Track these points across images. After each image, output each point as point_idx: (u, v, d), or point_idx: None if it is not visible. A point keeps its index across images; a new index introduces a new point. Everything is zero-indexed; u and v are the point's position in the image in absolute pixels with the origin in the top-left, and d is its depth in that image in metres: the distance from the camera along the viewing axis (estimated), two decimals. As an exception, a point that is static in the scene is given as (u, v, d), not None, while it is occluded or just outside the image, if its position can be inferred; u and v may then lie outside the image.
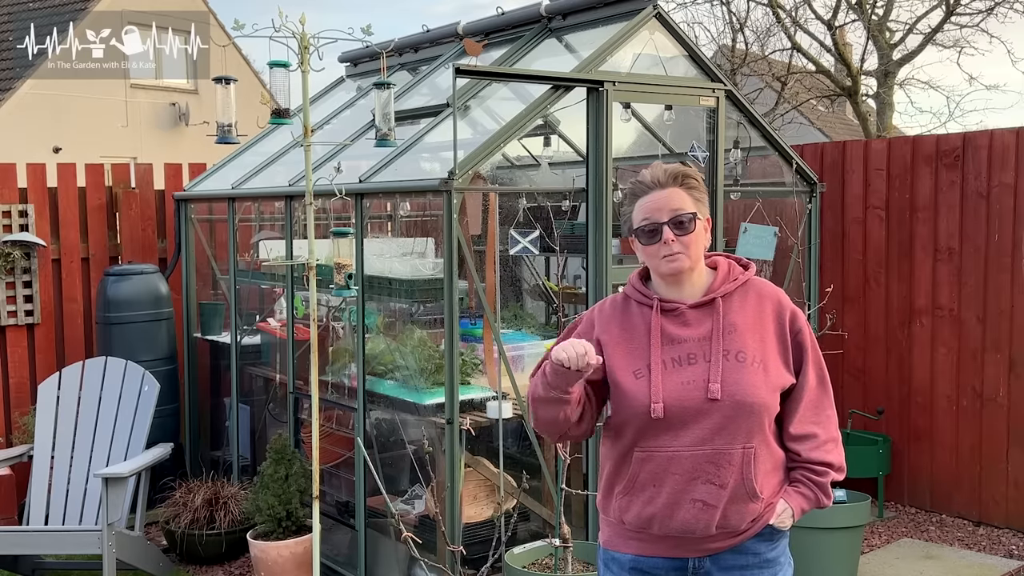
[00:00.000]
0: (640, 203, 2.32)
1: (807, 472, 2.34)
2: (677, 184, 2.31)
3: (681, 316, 2.32)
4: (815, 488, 2.34)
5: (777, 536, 2.35)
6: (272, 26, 3.62)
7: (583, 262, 4.50)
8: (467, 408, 4.36)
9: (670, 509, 2.27)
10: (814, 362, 2.36)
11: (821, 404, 2.36)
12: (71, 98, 15.57)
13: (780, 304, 2.37)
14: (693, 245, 2.30)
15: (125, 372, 5.21)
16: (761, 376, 2.26)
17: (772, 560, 2.35)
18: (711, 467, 2.24)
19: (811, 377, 2.34)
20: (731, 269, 2.40)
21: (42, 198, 6.01)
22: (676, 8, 15.01)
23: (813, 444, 2.33)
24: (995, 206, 5.49)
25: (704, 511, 2.25)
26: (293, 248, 5.14)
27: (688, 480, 2.25)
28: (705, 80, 4.76)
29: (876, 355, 6.02)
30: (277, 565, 4.68)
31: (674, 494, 2.26)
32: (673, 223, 2.28)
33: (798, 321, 2.36)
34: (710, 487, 2.24)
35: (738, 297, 2.35)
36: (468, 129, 4.88)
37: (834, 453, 2.36)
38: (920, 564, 5.09)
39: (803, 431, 2.33)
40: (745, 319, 2.32)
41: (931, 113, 40.96)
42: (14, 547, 4.70)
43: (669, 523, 2.28)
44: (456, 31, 5.71)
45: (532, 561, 4.13)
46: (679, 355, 2.29)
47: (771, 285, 2.43)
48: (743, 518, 2.28)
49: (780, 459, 2.35)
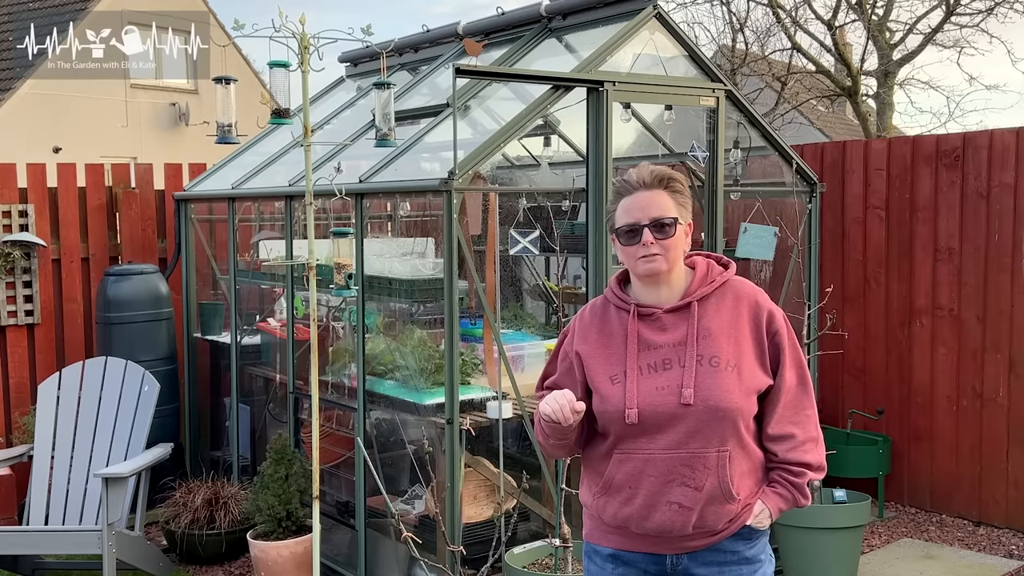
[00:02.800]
0: (623, 203, 2.34)
1: (784, 473, 2.35)
2: (662, 187, 2.33)
3: (658, 321, 2.34)
4: (792, 489, 2.35)
5: (756, 535, 2.37)
6: (272, 26, 3.63)
7: (583, 262, 4.50)
8: (467, 408, 4.36)
9: (646, 510, 2.30)
10: (793, 362, 2.36)
11: (800, 404, 2.37)
12: (71, 98, 15.56)
13: (757, 305, 2.36)
14: (672, 249, 2.31)
15: (125, 372, 5.21)
16: (735, 380, 2.27)
17: (751, 558, 2.37)
18: (686, 470, 2.27)
19: (789, 378, 2.34)
20: (709, 270, 2.40)
21: (42, 198, 6.01)
22: (676, 8, 15.04)
23: (791, 444, 2.34)
24: (995, 206, 5.49)
25: (680, 513, 2.28)
26: (293, 248, 5.14)
27: (664, 482, 2.28)
28: (705, 80, 4.76)
29: (876, 355, 6.02)
30: (277, 565, 4.68)
31: (650, 496, 2.29)
32: (654, 225, 2.29)
33: (775, 322, 2.35)
34: (686, 489, 2.27)
35: (715, 299, 2.35)
36: (468, 129, 4.88)
37: (812, 453, 2.36)
38: (920, 564, 5.09)
39: (781, 431, 2.34)
40: (720, 323, 2.32)
41: (931, 113, 41.02)
42: (14, 547, 4.71)
43: (645, 524, 2.31)
44: (456, 31, 5.71)
45: (532, 561, 4.14)
46: (654, 360, 2.31)
47: (749, 285, 2.43)
48: (720, 519, 2.31)
49: (758, 460, 2.36)
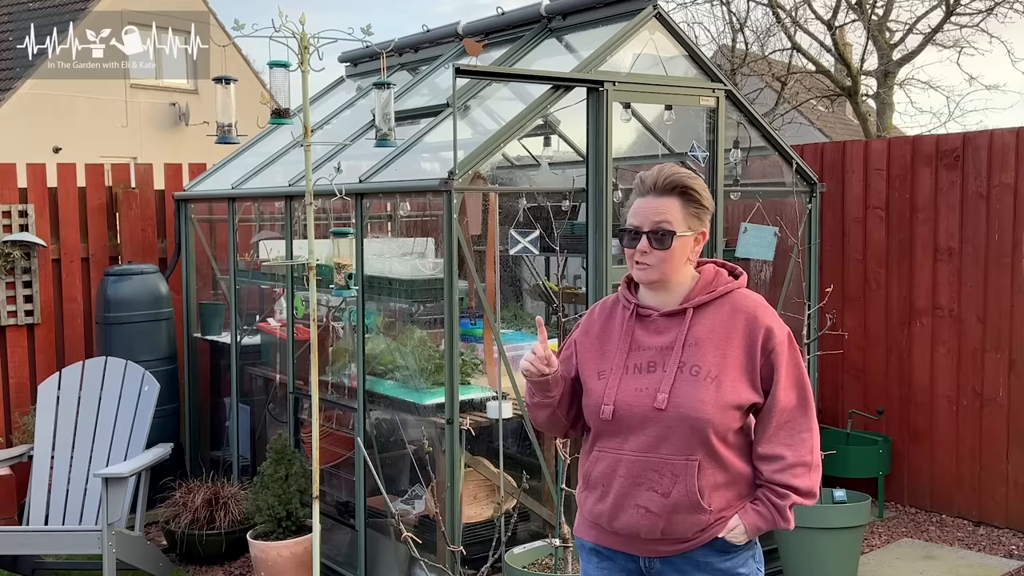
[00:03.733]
0: (635, 203, 2.33)
1: (768, 492, 2.31)
2: (675, 195, 2.29)
3: (654, 323, 2.34)
4: (773, 510, 2.30)
5: (732, 548, 2.31)
6: (272, 26, 3.63)
7: (583, 262, 4.50)
8: (467, 408, 4.36)
9: (615, 510, 2.32)
10: (791, 383, 2.29)
11: (796, 426, 2.30)
12: (71, 98, 15.56)
13: (755, 320, 2.30)
14: (668, 261, 2.28)
15: (125, 372, 5.21)
16: (711, 392, 2.23)
17: (725, 570, 2.32)
18: (654, 475, 2.26)
19: (783, 398, 2.28)
20: (716, 278, 2.36)
21: (42, 198, 6.01)
22: (676, 8, 15.05)
23: (778, 466, 2.29)
24: (995, 206, 5.50)
25: (646, 517, 2.28)
26: (293, 248, 5.14)
27: (632, 484, 2.28)
28: (705, 80, 4.76)
29: (876, 355, 6.02)
30: (277, 565, 4.68)
31: (619, 496, 2.30)
32: (652, 234, 2.27)
33: (773, 339, 2.28)
34: (652, 495, 2.26)
35: (712, 309, 2.32)
36: (468, 129, 4.88)
37: (801, 478, 2.29)
38: (920, 564, 5.09)
39: (770, 452, 2.30)
40: (711, 333, 2.29)
41: (931, 113, 40.87)
42: (14, 547, 4.71)
43: (614, 523, 2.33)
44: (456, 31, 5.71)
45: (532, 561, 4.14)
46: (641, 362, 2.31)
47: (753, 299, 2.36)
48: (689, 528, 2.28)
49: (739, 474, 2.31)
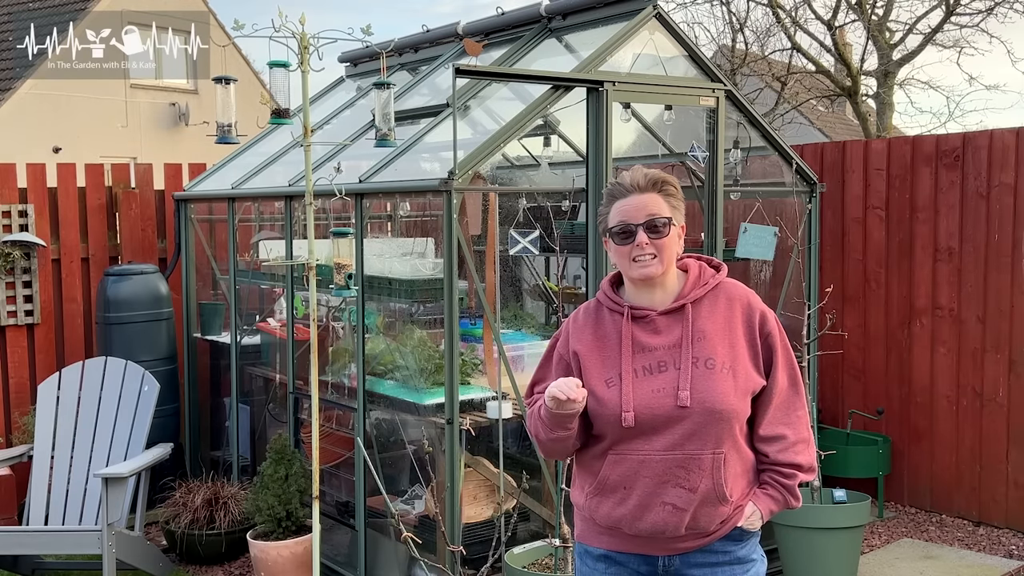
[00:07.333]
0: (617, 205, 2.36)
1: (775, 475, 2.37)
2: (655, 190, 2.35)
3: (652, 323, 2.35)
4: (783, 491, 2.37)
5: (746, 536, 2.38)
6: (272, 26, 3.62)
7: (583, 262, 4.50)
8: (467, 408, 4.36)
9: (640, 511, 2.31)
10: (785, 363, 2.38)
11: (792, 405, 2.38)
12: (71, 98, 15.57)
13: (750, 307, 2.38)
14: (666, 250, 2.32)
15: (125, 372, 5.21)
16: (730, 382, 2.28)
17: (742, 558, 2.38)
18: (681, 471, 2.27)
19: (781, 379, 2.36)
20: (702, 272, 2.41)
21: (42, 198, 6.01)
22: (676, 8, 15.04)
23: (782, 445, 2.36)
24: (995, 206, 5.49)
25: (674, 514, 2.29)
26: (293, 248, 5.14)
27: (659, 483, 2.28)
28: (705, 80, 4.76)
29: (876, 355, 6.02)
30: (277, 565, 4.68)
31: (644, 496, 2.30)
32: (648, 226, 2.31)
33: (767, 323, 2.37)
34: (680, 491, 2.28)
35: (708, 302, 2.37)
36: (468, 129, 4.88)
37: (803, 454, 2.38)
38: (920, 564, 5.09)
39: (773, 432, 2.36)
40: (715, 324, 2.34)
41: (931, 113, 41.02)
42: (14, 547, 4.71)
43: (638, 525, 2.32)
44: (456, 31, 5.71)
45: (532, 561, 4.14)
46: (650, 363, 2.32)
47: (741, 287, 2.44)
48: (712, 520, 2.32)
49: (750, 461, 2.38)
